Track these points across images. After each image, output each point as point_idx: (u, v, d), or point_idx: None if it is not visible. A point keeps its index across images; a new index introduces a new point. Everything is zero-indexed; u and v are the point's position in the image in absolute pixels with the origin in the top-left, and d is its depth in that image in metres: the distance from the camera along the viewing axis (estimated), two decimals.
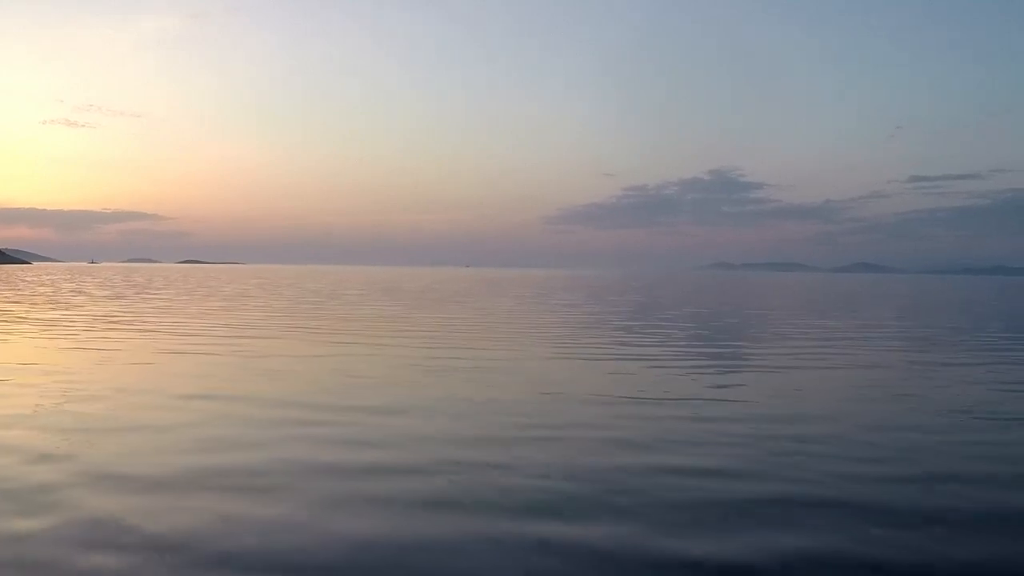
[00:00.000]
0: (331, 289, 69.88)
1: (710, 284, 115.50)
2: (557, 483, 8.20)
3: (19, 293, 54.43)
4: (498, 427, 10.99)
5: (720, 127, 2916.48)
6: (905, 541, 6.65)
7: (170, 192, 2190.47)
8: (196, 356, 18.81)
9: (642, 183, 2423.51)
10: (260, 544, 6.44)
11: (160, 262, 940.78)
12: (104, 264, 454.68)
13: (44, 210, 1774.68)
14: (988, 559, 6.34)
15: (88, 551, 6.23)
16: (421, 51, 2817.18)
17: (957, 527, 7.03)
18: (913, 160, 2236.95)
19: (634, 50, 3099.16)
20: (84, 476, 8.24)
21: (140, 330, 25.67)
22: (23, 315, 32.26)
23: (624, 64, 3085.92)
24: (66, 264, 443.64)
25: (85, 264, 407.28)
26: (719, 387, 14.89)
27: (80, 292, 57.15)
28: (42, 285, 71.31)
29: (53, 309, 36.28)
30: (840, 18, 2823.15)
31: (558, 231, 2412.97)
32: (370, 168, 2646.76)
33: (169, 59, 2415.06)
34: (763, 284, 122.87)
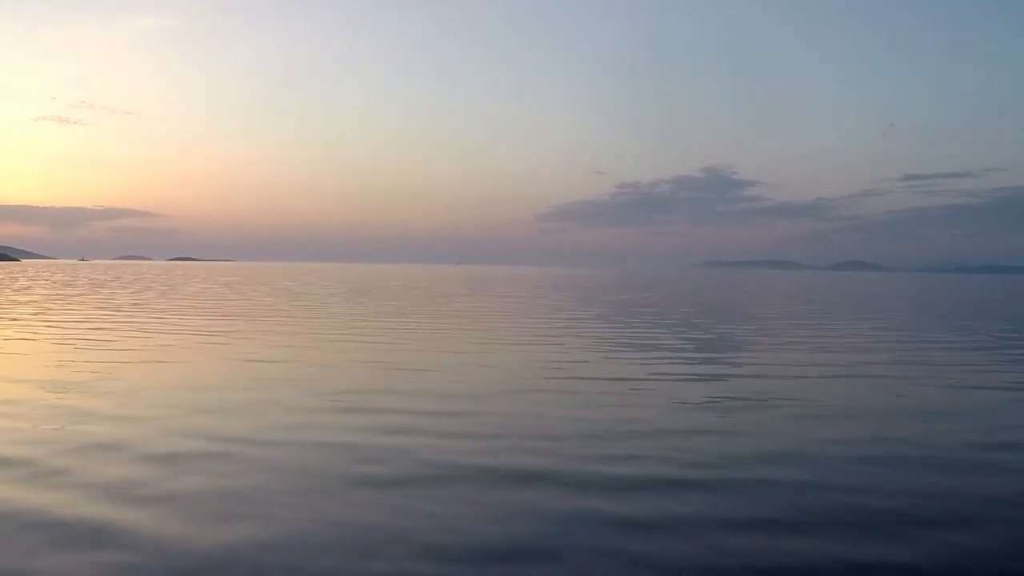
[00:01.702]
0: (303, 288, 65.38)
1: (710, 284, 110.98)
2: None
3: None
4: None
5: (713, 125, 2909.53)
6: None
7: (163, 190, 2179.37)
8: None
9: (635, 180, 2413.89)
10: None
11: (152, 259, 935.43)
12: (94, 261, 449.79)
13: (36, 207, 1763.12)
14: None
15: None
16: (417, 51, 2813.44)
17: None
18: (907, 158, 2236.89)
19: (627, 48, 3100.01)
20: None
21: None
22: None
23: (617, 62, 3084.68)
24: (56, 261, 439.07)
25: (75, 261, 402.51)
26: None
27: (25, 290, 53.66)
28: None
29: None
30: (834, 17, 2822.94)
31: (550, 229, 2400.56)
32: (365, 167, 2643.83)
33: (163, 57, 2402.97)
34: (767, 284, 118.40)
